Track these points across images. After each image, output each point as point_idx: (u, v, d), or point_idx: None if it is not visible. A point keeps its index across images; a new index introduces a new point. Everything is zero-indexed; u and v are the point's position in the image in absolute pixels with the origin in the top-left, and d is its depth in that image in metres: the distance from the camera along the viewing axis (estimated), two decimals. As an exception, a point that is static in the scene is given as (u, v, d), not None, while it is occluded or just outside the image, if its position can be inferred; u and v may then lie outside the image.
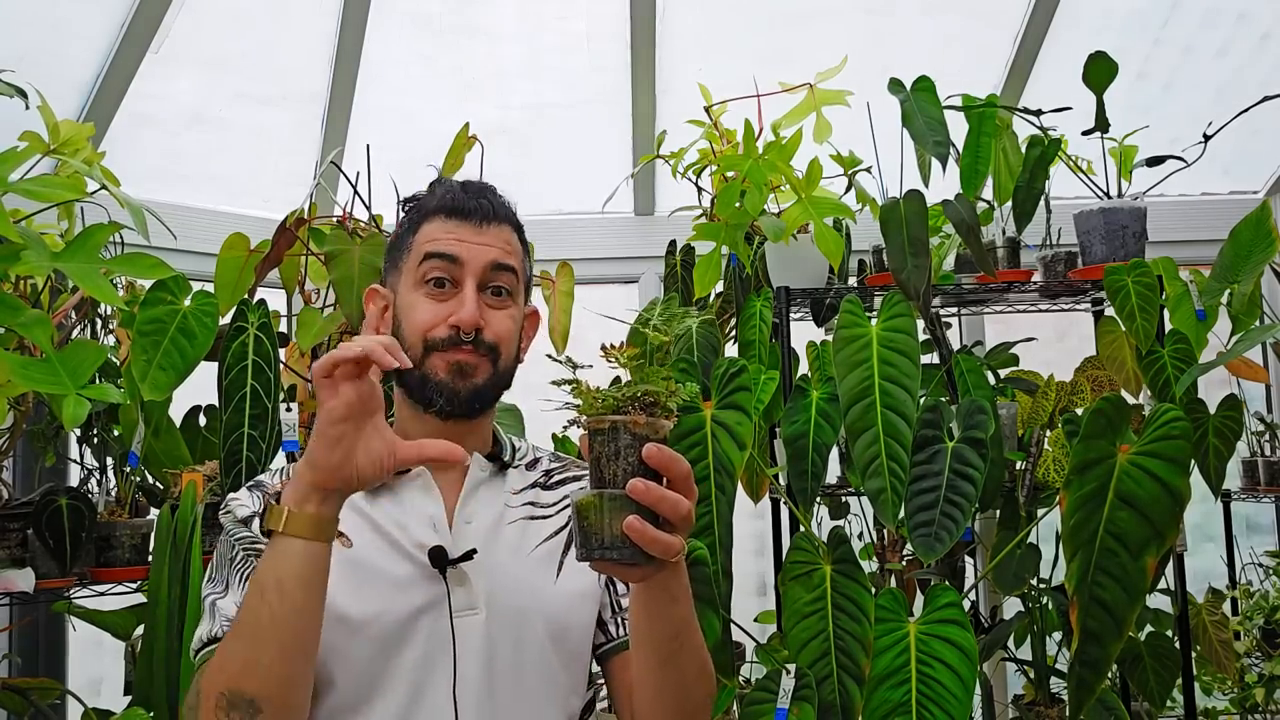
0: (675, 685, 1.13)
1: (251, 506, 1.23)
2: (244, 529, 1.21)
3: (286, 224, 2.11)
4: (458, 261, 1.21)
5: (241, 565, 1.19)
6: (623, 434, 0.96)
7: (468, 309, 1.19)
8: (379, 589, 1.17)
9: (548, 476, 1.33)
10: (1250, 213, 2.28)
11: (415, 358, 1.20)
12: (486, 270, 1.22)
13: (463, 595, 1.17)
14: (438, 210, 1.24)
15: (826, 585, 1.80)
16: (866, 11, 3.23)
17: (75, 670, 2.42)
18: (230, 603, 1.17)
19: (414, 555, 1.18)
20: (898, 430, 1.85)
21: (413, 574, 1.18)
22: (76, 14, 2.61)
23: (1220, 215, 3.02)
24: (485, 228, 1.24)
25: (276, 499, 1.07)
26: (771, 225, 2.16)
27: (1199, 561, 2.82)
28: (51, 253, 1.32)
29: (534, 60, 3.22)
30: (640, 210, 3.37)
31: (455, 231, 1.23)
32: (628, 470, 0.95)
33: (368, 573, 1.17)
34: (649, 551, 0.94)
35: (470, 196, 1.24)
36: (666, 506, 0.95)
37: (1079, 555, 1.68)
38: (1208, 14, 3.23)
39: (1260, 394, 2.98)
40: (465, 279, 1.21)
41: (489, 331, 1.22)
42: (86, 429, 2.00)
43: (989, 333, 3.19)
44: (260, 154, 3.10)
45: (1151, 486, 1.64)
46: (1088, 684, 1.71)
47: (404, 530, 1.20)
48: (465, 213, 1.23)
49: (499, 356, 1.23)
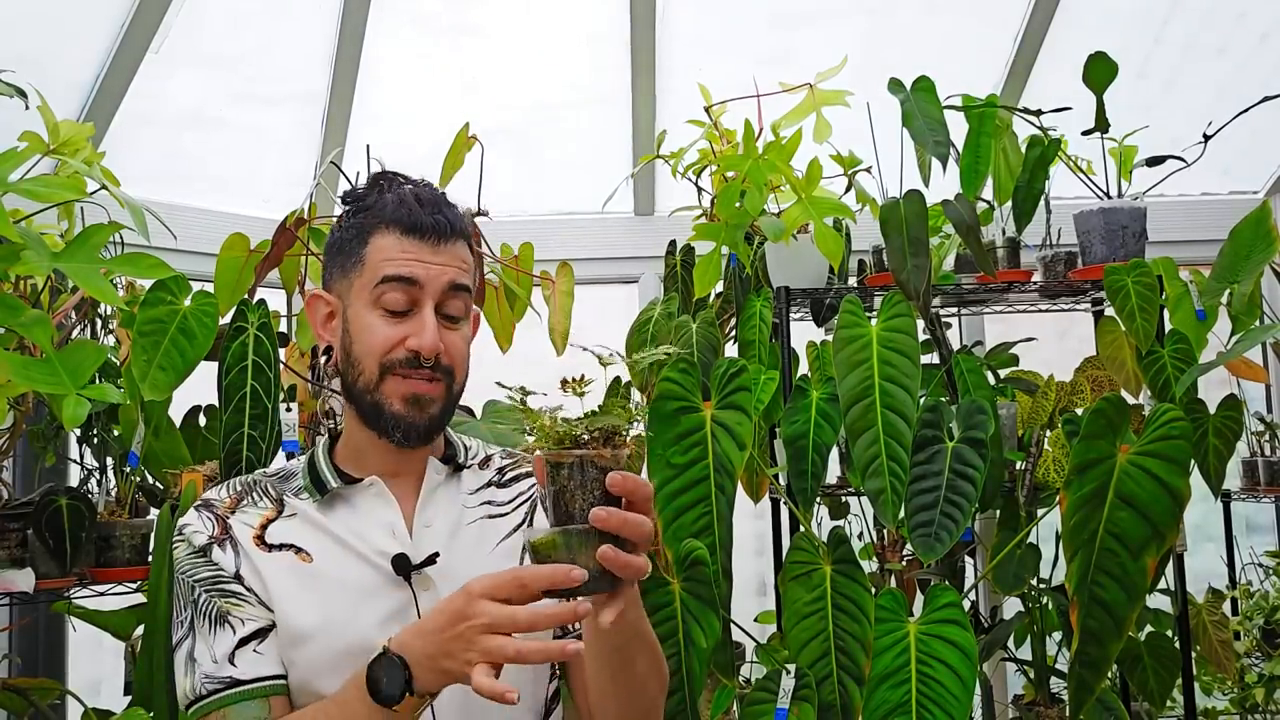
0: (628, 683, 1.14)
1: (206, 531, 1.21)
2: (200, 561, 1.20)
3: (286, 224, 2.11)
4: (416, 283, 1.18)
5: (206, 606, 1.18)
6: (589, 468, 0.96)
7: (429, 335, 1.17)
8: (346, 600, 1.17)
9: (501, 474, 1.33)
10: (1250, 213, 2.28)
11: (370, 380, 1.19)
12: (444, 292, 1.20)
13: (429, 599, 1.17)
14: (393, 223, 1.20)
15: (826, 585, 1.80)
16: (866, 11, 3.23)
17: (75, 670, 2.42)
18: (204, 652, 1.16)
19: (376, 563, 1.18)
20: (898, 430, 1.85)
21: (377, 582, 1.18)
22: (76, 14, 2.61)
23: (1220, 215, 3.02)
24: (441, 246, 1.20)
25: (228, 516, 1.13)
26: (771, 225, 2.16)
27: (1199, 561, 2.82)
28: (51, 253, 1.32)
29: (534, 60, 3.22)
30: (640, 210, 3.37)
31: (412, 251, 1.19)
32: (594, 503, 0.96)
33: (332, 584, 1.17)
34: (621, 575, 0.95)
35: (427, 211, 1.20)
36: (631, 529, 0.96)
37: (1079, 555, 1.68)
38: (1208, 14, 3.23)
39: (1260, 394, 2.98)
40: (424, 301, 1.19)
41: (445, 356, 1.20)
42: (86, 429, 2.00)
43: (989, 333, 3.18)
44: (260, 154, 3.10)
45: (1151, 486, 1.64)
46: (1087, 684, 1.71)
47: (363, 539, 1.20)
48: (422, 231, 1.19)
49: (453, 381, 1.22)
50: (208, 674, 1.15)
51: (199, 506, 1.24)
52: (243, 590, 1.18)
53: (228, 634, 1.16)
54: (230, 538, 1.21)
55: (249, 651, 1.16)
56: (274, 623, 1.17)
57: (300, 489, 1.25)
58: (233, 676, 1.15)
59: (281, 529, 1.22)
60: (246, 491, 1.25)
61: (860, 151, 2.47)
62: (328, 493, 1.23)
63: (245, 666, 1.15)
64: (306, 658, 1.16)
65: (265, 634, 1.17)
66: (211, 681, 1.15)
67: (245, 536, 1.21)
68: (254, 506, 1.23)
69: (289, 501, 1.24)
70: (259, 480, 1.27)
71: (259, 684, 1.15)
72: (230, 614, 1.17)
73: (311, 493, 1.23)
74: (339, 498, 1.23)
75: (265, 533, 1.21)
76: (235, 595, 1.18)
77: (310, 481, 1.24)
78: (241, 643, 1.16)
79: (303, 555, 1.16)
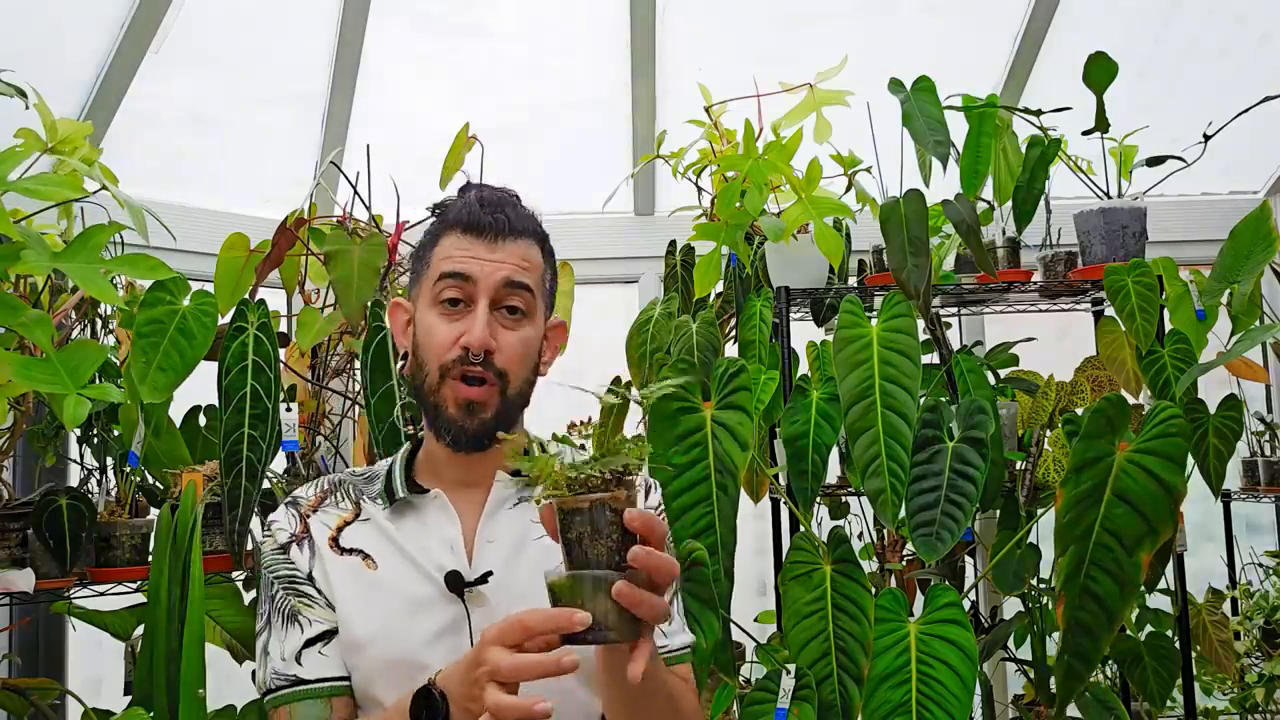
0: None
1: (289, 529, 1.24)
2: (282, 559, 1.22)
3: (286, 224, 2.11)
4: (470, 279, 1.20)
5: (281, 603, 1.21)
6: (605, 511, 0.93)
7: (477, 330, 1.18)
8: (403, 611, 1.18)
9: None
10: (1250, 213, 2.28)
11: (432, 383, 1.20)
12: (499, 288, 1.20)
13: (482, 616, 1.17)
14: (455, 224, 1.23)
15: (826, 585, 1.80)
16: (866, 11, 3.23)
17: (75, 670, 2.42)
18: (277, 647, 1.19)
19: (434, 577, 1.19)
20: (898, 431, 1.85)
21: (433, 596, 1.18)
22: (76, 13, 2.61)
23: (1220, 215, 3.02)
24: (500, 244, 1.21)
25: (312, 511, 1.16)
26: (771, 225, 2.16)
27: (1199, 561, 2.81)
28: (52, 252, 1.31)
29: (534, 60, 3.22)
30: (640, 210, 3.37)
31: (470, 248, 1.21)
32: (611, 548, 0.93)
33: (392, 595, 1.19)
34: (638, 614, 0.93)
35: (487, 211, 1.22)
36: (664, 571, 0.94)
37: (1071, 550, 1.70)
38: (1208, 14, 3.23)
39: (1260, 394, 2.98)
40: (478, 297, 1.20)
41: (499, 356, 1.20)
42: (86, 429, 2.00)
43: (989, 333, 3.18)
44: (260, 154, 3.10)
45: (1148, 483, 1.65)
46: (1077, 673, 1.73)
47: (424, 552, 1.20)
48: (480, 228, 1.21)
49: (508, 384, 1.21)
50: (276, 670, 1.19)
51: (288, 504, 1.27)
52: (313, 591, 1.20)
53: (297, 633, 1.19)
54: (308, 537, 1.23)
55: (314, 652, 1.19)
56: (336, 626, 1.19)
57: (377, 494, 1.26)
58: (298, 675, 1.18)
59: (355, 533, 1.23)
60: (331, 491, 1.27)
61: (860, 151, 2.47)
62: (396, 501, 1.24)
63: (310, 666, 1.18)
64: (362, 664, 1.18)
65: (330, 636, 1.19)
66: (279, 678, 1.18)
67: (322, 538, 1.23)
68: (334, 508, 1.25)
69: (365, 506, 1.25)
70: (345, 480, 1.29)
71: (321, 684, 1.18)
72: (301, 613, 1.20)
73: (384, 499, 1.25)
74: (408, 506, 1.24)
75: (340, 536, 1.23)
76: (307, 596, 1.20)
77: (384, 488, 1.26)
78: (308, 643, 1.19)
79: (369, 562, 1.18)
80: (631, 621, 0.93)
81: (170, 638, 1.79)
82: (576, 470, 0.95)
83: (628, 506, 0.95)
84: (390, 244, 2.15)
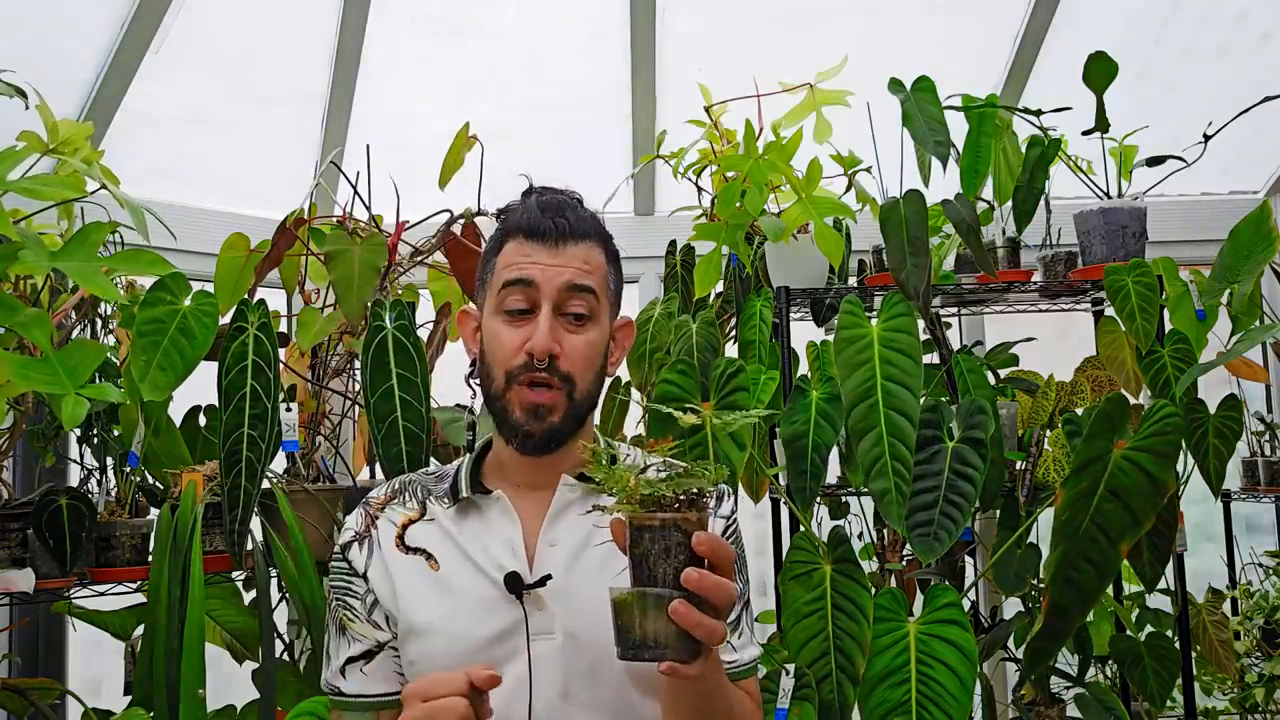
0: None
1: (354, 528, 1.27)
2: (341, 563, 1.26)
3: (286, 224, 2.11)
4: (533, 285, 1.20)
5: (336, 611, 1.25)
6: (675, 532, 0.94)
7: (541, 336, 1.18)
8: (466, 610, 1.19)
9: None
10: (1250, 213, 2.28)
11: (499, 388, 1.21)
12: (561, 292, 1.21)
13: (540, 620, 1.17)
14: (516, 230, 1.23)
15: (826, 585, 1.80)
16: (866, 11, 3.23)
17: (75, 670, 2.42)
18: (332, 652, 1.24)
19: (494, 578, 1.19)
20: (901, 430, 1.85)
21: (494, 597, 1.19)
22: (76, 14, 2.61)
23: (1220, 215, 3.02)
24: (562, 248, 1.22)
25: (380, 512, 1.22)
26: (771, 225, 2.16)
27: (1199, 561, 2.82)
28: (50, 252, 1.31)
29: (534, 60, 3.22)
30: (640, 210, 3.37)
31: (531, 254, 1.21)
32: (677, 568, 0.94)
33: (454, 594, 1.20)
34: (695, 635, 0.94)
35: (546, 215, 1.22)
36: (721, 594, 0.95)
37: (1061, 546, 1.73)
38: (1208, 14, 3.23)
39: (1260, 394, 2.98)
40: (541, 302, 1.20)
41: (564, 360, 1.20)
42: (86, 429, 2.00)
43: (989, 333, 3.18)
44: (260, 154, 3.10)
45: (1139, 479, 1.67)
46: (1046, 652, 1.80)
47: (486, 553, 1.21)
48: (541, 234, 1.22)
49: (574, 388, 1.21)
50: (328, 678, 1.25)
51: (362, 503, 1.29)
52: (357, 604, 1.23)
53: (344, 646, 1.24)
54: (369, 536, 1.25)
55: (356, 670, 1.23)
56: (380, 643, 1.23)
57: (443, 494, 1.27)
58: (340, 689, 1.23)
59: (419, 532, 1.24)
60: (401, 490, 1.29)
61: (860, 151, 2.47)
62: (460, 500, 1.25)
63: (351, 683, 1.23)
64: (426, 654, 1.18)
65: (372, 656, 1.23)
66: (329, 686, 1.25)
67: (388, 536, 1.24)
68: (401, 506, 1.27)
69: (431, 506, 1.26)
70: (415, 480, 1.30)
71: (359, 699, 1.23)
72: (347, 628, 1.24)
73: (449, 499, 1.26)
74: (473, 507, 1.25)
75: (405, 534, 1.24)
76: (352, 610, 1.23)
77: (450, 487, 1.27)
78: (350, 660, 1.23)
79: (431, 562, 1.20)
80: (690, 641, 0.94)
81: (170, 638, 1.79)
82: (652, 488, 0.96)
83: (698, 529, 0.95)
84: (390, 244, 2.15)
